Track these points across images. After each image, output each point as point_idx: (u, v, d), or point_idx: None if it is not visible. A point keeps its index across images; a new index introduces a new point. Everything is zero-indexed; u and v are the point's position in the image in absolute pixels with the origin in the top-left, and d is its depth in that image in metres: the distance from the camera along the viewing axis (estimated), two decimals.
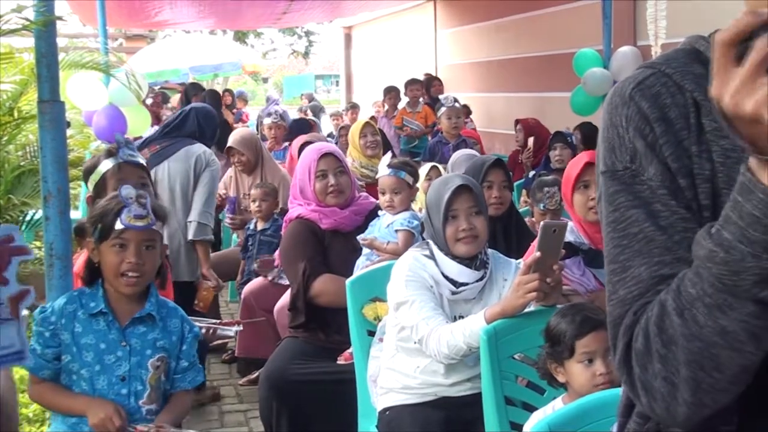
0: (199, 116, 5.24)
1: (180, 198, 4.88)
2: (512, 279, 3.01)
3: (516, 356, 2.82)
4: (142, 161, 3.50)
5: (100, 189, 3.35)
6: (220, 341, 5.36)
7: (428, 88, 10.52)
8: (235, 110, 14.01)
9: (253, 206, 5.51)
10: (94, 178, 3.35)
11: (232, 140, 6.19)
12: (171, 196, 4.85)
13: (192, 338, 2.75)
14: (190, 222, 4.83)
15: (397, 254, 3.60)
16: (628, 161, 1.20)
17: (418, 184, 4.70)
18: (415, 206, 4.43)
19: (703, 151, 1.18)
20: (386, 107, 10.52)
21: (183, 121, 5.23)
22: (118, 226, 2.56)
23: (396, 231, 3.88)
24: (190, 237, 4.81)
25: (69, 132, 4.77)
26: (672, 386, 1.09)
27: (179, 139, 5.11)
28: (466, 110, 10.03)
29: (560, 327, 2.43)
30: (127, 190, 2.60)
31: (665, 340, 1.08)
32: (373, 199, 4.26)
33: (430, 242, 3.07)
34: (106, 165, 3.37)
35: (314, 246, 3.92)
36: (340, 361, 3.71)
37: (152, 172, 4.19)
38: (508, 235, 3.83)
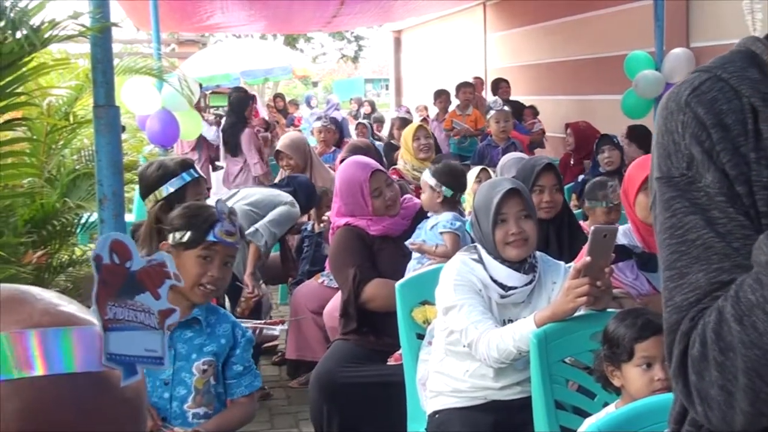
0: (299, 189, 5.39)
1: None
2: (561, 282, 3.00)
3: (566, 360, 2.80)
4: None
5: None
6: (269, 343, 5.39)
7: (495, 90, 10.51)
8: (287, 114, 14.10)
9: (312, 211, 5.58)
10: (170, 185, 3.40)
11: (281, 144, 6.27)
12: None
13: (245, 342, 2.74)
14: (256, 229, 4.85)
15: (446, 257, 3.60)
16: (684, 168, 1.18)
17: (468, 188, 4.70)
18: (466, 208, 4.44)
19: (762, 158, 1.15)
20: (437, 110, 10.54)
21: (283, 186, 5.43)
22: (210, 238, 2.60)
23: (441, 234, 3.88)
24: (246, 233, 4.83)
25: (123, 136, 4.84)
26: (729, 395, 1.06)
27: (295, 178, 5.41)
28: (534, 110, 10.02)
29: (620, 330, 2.40)
30: (222, 205, 2.65)
31: (723, 348, 1.06)
32: (416, 200, 4.27)
33: (478, 246, 3.06)
34: (185, 177, 3.45)
35: (363, 252, 3.93)
36: (390, 362, 3.71)
37: None
38: (561, 237, 3.81)
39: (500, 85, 10.77)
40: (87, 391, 0.79)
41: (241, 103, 8.35)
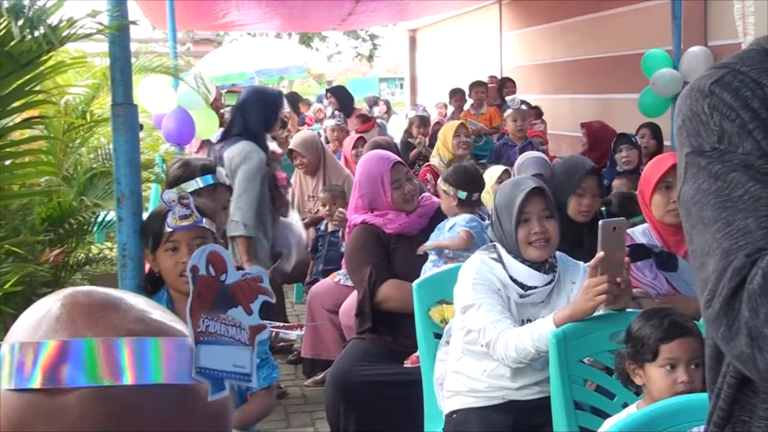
0: (242, 113, 5.28)
1: None
2: (581, 282, 2.98)
3: (585, 360, 2.78)
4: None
5: None
6: (285, 342, 5.39)
7: (501, 89, 10.49)
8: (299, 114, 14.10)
9: (323, 210, 5.59)
10: (185, 187, 3.39)
11: (293, 143, 6.32)
12: None
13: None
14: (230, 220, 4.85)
15: (461, 247, 3.64)
16: (715, 141, 1.18)
17: (488, 187, 4.68)
18: (488, 206, 4.42)
19: None
20: (452, 109, 10.53)
21: (231, 123, 5.32)
22: (166, 229, 2.61)
23: (458, 232, 3.88)
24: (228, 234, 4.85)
25: (140, 135, 4.85)
26: None
27: (227, 142, 5.18)
28: (537, 112, 9.98)
29: (645, 329, 2.38)
30: (169, 194, 2.65)
31: None
32: (435, 199, 4.25)
33: (498, 245, 3.05)
34: (200, 182, 3.43)
35: (379, 251, 3.92)
36: (407, 364, 3.71)
37: None
38: (594, 239, 3.78)
39: (506, 85, 10.78)
40: (173, 404, 0.78)
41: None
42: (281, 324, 3.82)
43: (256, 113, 5.26)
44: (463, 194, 4.01)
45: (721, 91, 1.20)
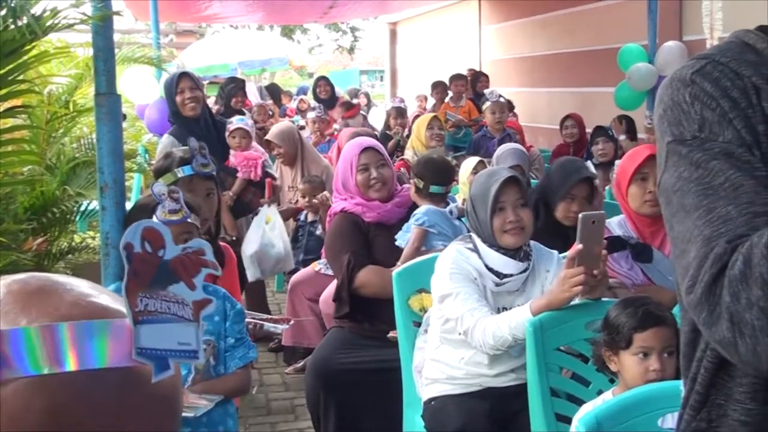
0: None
1: None
2: (554, 270, 3.00)
3: (561, 348, 2.80)
4: (213, 171, 3.51)
5: None
6: (272, 335, 5.39)
7: (474, 83, 10.50)
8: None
9: (303, 201, 5.59)
10: (166, 179, 3.37)
11: (270, 134, 6.35)
12: None
13: (235, 315, 2.70)
14: None
15: (419, 245, 3.73)
16: (696, 130, 1.18)
17: (463, 178, 4.69)
18: (459, 198, 4.42)
19: (766, 133, 1.17)
20: (433, 101, 10.55)
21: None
22: None
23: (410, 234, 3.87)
24: None
25: (123, 125, 4.83)
26: None
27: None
28: (509, 105, 9.99)
29: (621, 318, 2.39)
30: (159, 188, 2.63)
31: None
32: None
33: (473, 235, 3.06)
34: (180, 172, 3.40)
35: (358, 238, 3.92)
36: (391, 335, 3.68)
37: None
38: None
39: (480, 79, 10.79)
40: (117, 388, 0.74)
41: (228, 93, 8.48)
42: (269, 317, 3.81)
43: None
44: (419, 182, 3.99)
45: (702, 80, 1.20)
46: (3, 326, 0.72)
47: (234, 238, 5.33)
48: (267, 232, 5.41)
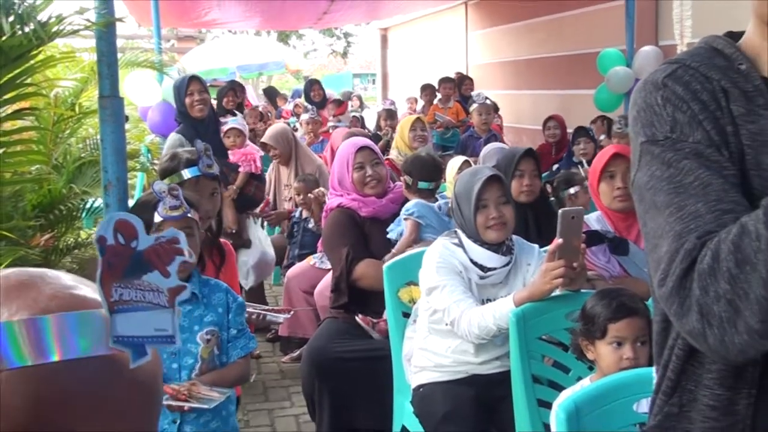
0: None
1: None
2: (535, 263, 3.01)
3: (542, 337, 2.81)
4: (217, 172, 3.51)
5: None
6: (273, 325, 5.40)
7: (460, 86, 10.50)
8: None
9: (298, 199, 5.62)
10: (172, 180, 3.36)
11: (265, 136, 6.44)
12: None
13: (237, 307, 2.72)
14: None
15: (406, 245, 3.74)
16: (668, 131, 1.19)
17: (449, 177, 4.70)
18: (448, 194, 4.43)
19: (734, 134, 1.17)
20: (422, 103, 10.56)
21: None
22: (157, 219, 2.60)
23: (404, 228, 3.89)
24: None
25: (126, 126, 4.82)
26: (735, 311, 1.02)
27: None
28: (495, 108, 9.99)
29: (596, 309, 2.40)
30: (159, 185, 2.64)
31: (740, 260, 1.01)
32: None
33: (458, 231, 3.07)
34: (187, 174, 3.40)
35: (355, 232, 3.93)
36: (360, 320, 3.71)
37: None
38: (539, 222, 3.82)
39: (464, 83, 10.80)
40: (97, 375, 0.74)
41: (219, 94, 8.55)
42: (270, 308, 3.81)
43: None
44: (409, 179, 4.02)
45: (673, 84, 1.21)
46: None
47: (233, 231, 5.42)
48: (261, 242, 5.68)
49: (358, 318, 3.72)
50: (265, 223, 6.22)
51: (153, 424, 0.81)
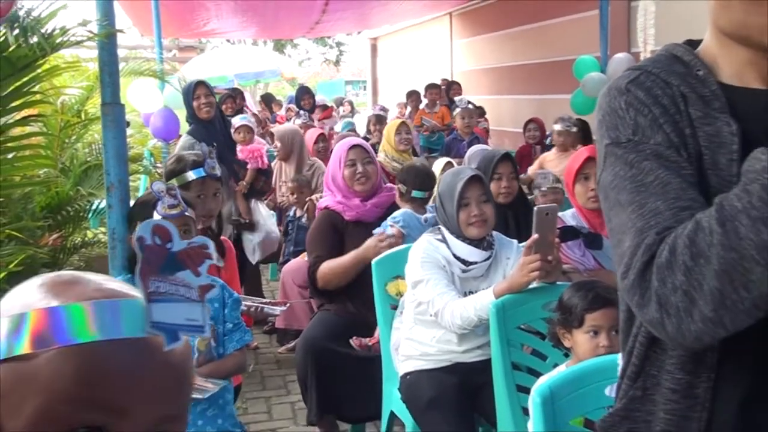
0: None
1: None
2: (514, 257, 3.02)
3: (521, 326, 2.81)
4: (219, 174, 3.52)
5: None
6: (271, 317, 5.42)
7: (448, 90, 10.51)
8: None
9: (291, 198, 5.66)
10: (178, 181, 3.35)
11: (276, 129, 6.90)
12: None
13: (232, 302, 2.71)
14: None
15: (398, 243, 3.65)
16: (630, 134, 1.19)
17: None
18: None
19: (693, 136, 1.18)
20: (409, 108, 10.56)
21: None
22: (156, 216, 2.59)
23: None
24: None
25: (129, 131, 4.80)
26: (691, 301, 1.03)
27: None
28: (481, 111, 10.01)
29: (573, 299, 2.40)
30: (158, 185, 2.63)
31: (694, 253, 1.02)
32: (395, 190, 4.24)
33: (442, 227, 3.08)
34: (192, 175, 3.41)
35: (331, 240, 3.88)
36: (354, 343, 3.67)
37: None
38: (519, 220, 3.82)
39: (453, 87, 10.82)
40: (134, 355, 0.79)
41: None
42: (267, 300, 3.81)
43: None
44: (403, 188, 3.95)
45: (636, 89, 1.21)
46: (44, 305, 0.78)
47: (247, 221, 5.69)
48: (266, 222, 5.82)
49: (353, 342, 3.68)
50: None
51: (184, 405, 0.86)
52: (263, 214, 5.89)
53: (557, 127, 6.35)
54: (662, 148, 1.16)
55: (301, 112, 9.79)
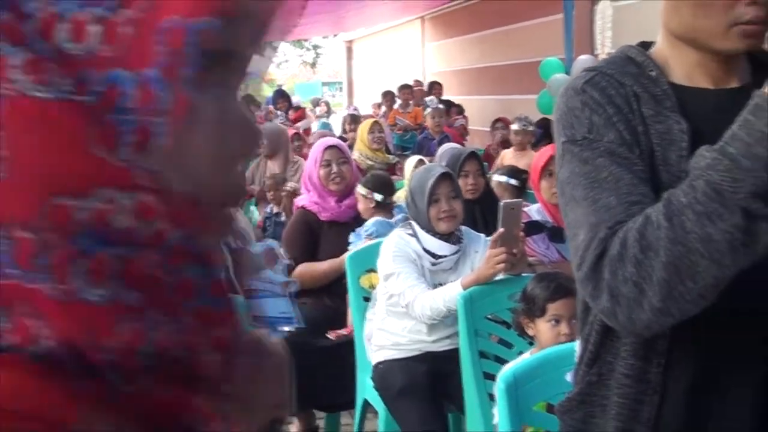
0: None
1: None
2: (482, 251, 3.03)
3: (488, 316, 2.83)
4: None
5: None
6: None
7: (430, 90, 10.55)
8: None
9: (269, 195, 5.64)
10: None
11: (262, 127, 6.51)
12: None
13: None
14: None
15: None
16: (586, 132, 1.20)
17: (407, 174, 4.70)
18: (401, 193, 4.38)
19: (645, 133, 1.19)
20: (384, 108, 10.57)
21: None
22: None
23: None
24: None
25: None
26: (640, 292, 1.04)
27: None
28: (459, 109, 10.05)
29: (536, 290, 2.41)
30: None
31: (644, 246, 1.03)
32: None
33: (413, 222, 3.08)
34: None
35: (306, 240, 3.85)
36: (331, 336, 3.67)
37: None
38: (486, 216, 3.83)
39: (434, 87, 10.84)
40: (252, 346, 0.77)
41: None
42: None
43: None
44: (379, 196, 3.85)
45: (591, 89, 1.22)
46: None
47: None
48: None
49: (330, 335, 3.67)
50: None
51: (288, 396, 0.85)
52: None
53: (515, 126, 6.38)
54: (615, 145, 1.17)
55: (279, 113, 9.80)
